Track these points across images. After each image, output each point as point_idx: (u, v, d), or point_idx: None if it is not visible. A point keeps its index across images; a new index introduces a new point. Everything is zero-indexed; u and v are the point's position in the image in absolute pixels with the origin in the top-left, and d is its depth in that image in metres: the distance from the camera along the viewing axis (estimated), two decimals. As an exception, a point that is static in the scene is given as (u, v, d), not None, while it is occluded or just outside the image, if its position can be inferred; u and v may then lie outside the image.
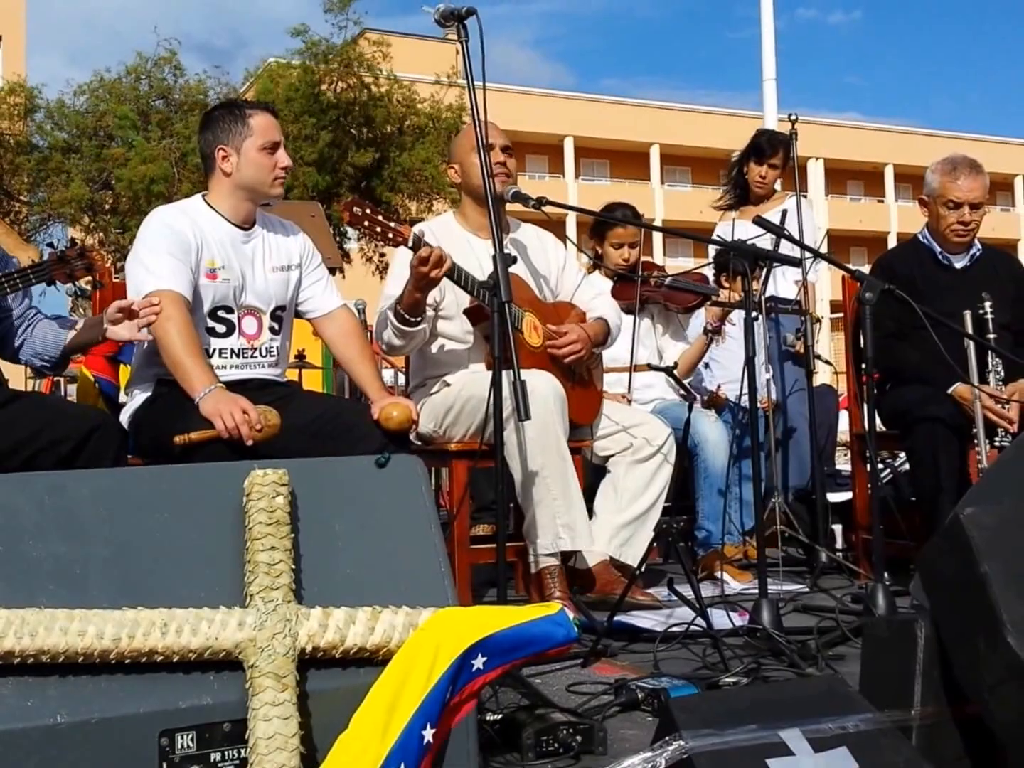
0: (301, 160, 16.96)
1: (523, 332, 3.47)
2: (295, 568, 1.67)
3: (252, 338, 3.13)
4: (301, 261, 3.26)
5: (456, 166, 3.68)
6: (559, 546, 3.31)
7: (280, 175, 3.12)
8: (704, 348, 4.53)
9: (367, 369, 3.19)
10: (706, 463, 4.23)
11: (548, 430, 3.26)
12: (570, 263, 3.90)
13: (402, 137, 18.43)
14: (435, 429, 3.55)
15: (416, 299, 3.24)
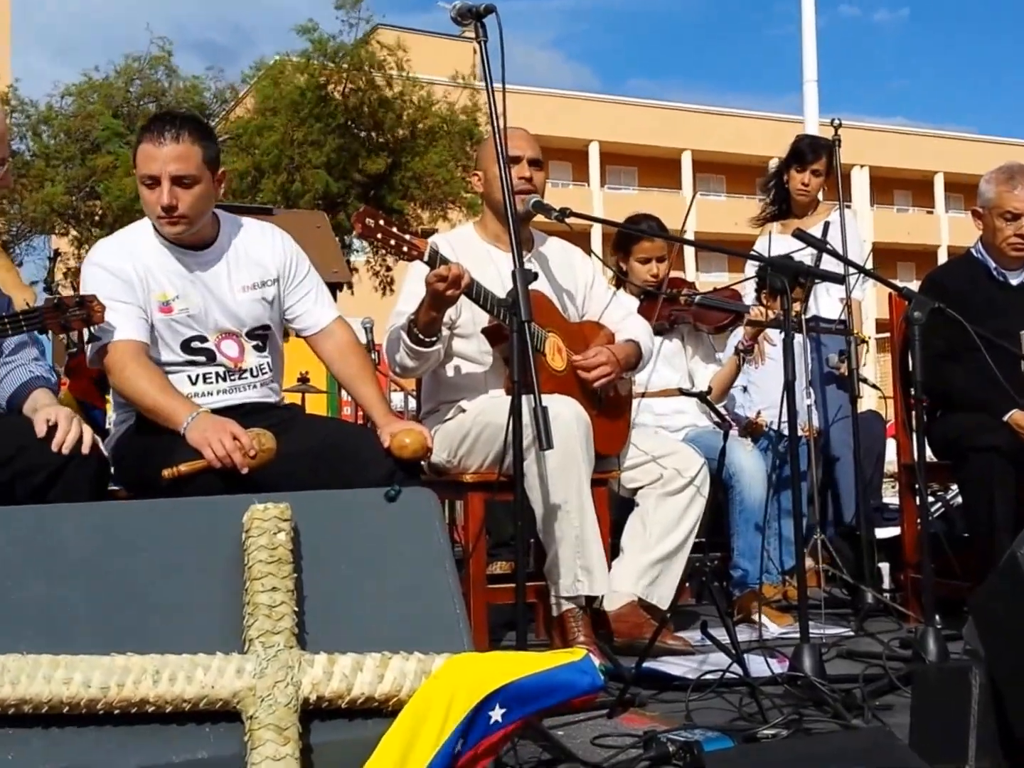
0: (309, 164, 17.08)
1: (546, 354, 3.48)
2: (298, 610, 1.67)
3: (236, 360, 3.12)
4: (280, 274, 3.21)
5: (480, 173, 3.69)
6: (577, 590, 3.30)
7: (162, 215, 2.96)
8: (736, 369, 4.53)
9: (370, 389, 3.17)
10: (742, 496, 4.21)
11: (572, 460, 3.26)
12: (598, 280, 3.91)
13: (414, 141, 18.55)
14: (449, 459, 3.55)
15: (432, 318, 3.25)
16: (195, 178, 2.96)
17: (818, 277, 3.42)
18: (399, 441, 2.90)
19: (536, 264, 3.69)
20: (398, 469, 2.87)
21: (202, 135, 3.00)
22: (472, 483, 3.45)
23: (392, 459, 2.89)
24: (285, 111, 17.36)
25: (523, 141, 3.65)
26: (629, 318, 3.88)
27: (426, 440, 2.93)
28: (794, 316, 4.43)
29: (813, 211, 5.25)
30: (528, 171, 3.60)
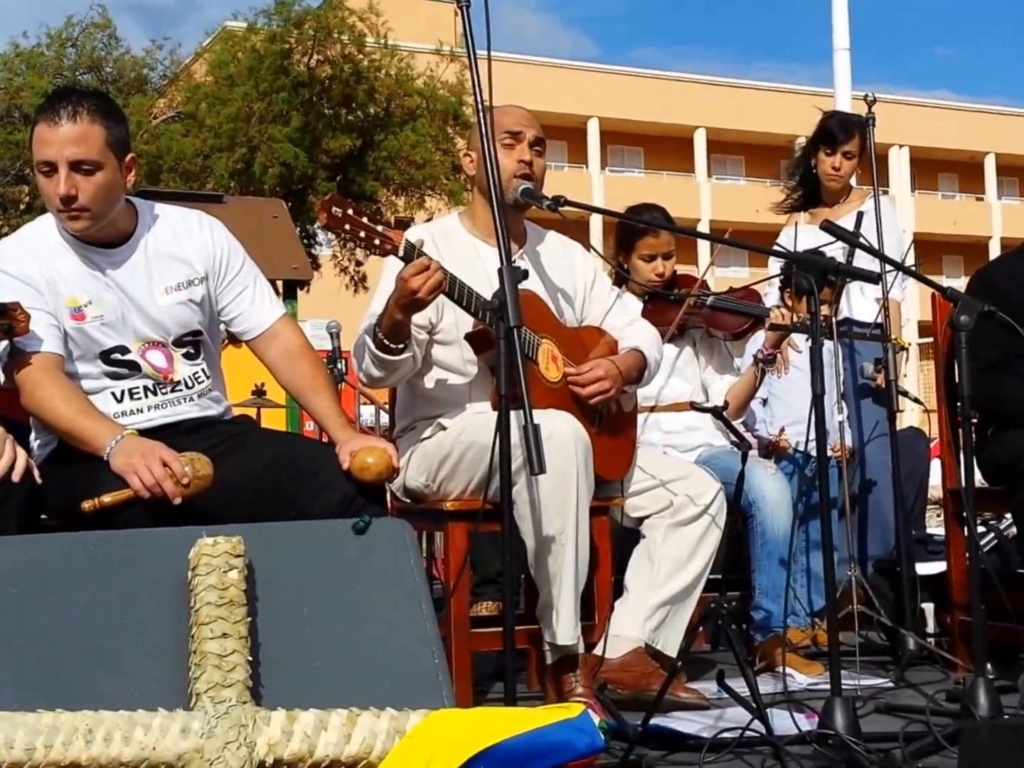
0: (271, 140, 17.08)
1: (539, 364, 3.49)
2: (252, 660, 1.67)
3: (165, 372, 3.11)
4: (208, 271, 3.19)
5: (472, 154, 3.70)
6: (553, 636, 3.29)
7: (61, 208, 2.91)
8: (754, 380, 4.53)
9: (323, 399, 3.15)
10: (764, 526, 4.21)
11: (568, 486, 3.25)
12: (600, 280, 3.93)
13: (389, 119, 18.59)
14: (427, 483, 3.55)
15: (397, 321, 3.23)
16: (96, 164, 2.91)
17: (850, 275, 3.42)
18: (360, 461, 2.87)
19: (529, 261, 3.70)
20: (359, 494, 2.84)
21: (105, 113, 2.94)
22: (453, 511, 3.44)
23: (352, 482, 2.86)
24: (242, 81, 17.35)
25: (525, 119, 3.65)
26: (634, 324, 3.88)
27: (391, 459, 2.91)
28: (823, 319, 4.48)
29: (845, 199, 5.27)
30: (529, 154, 3.60)
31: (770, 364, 4.49)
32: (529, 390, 3.19)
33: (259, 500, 2.80)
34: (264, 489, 2.88)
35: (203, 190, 15.12)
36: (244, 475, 2.89)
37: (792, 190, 5.43)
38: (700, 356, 4.64)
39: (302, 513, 2.70)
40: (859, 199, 5.25)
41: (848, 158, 5.17)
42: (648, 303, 4.58)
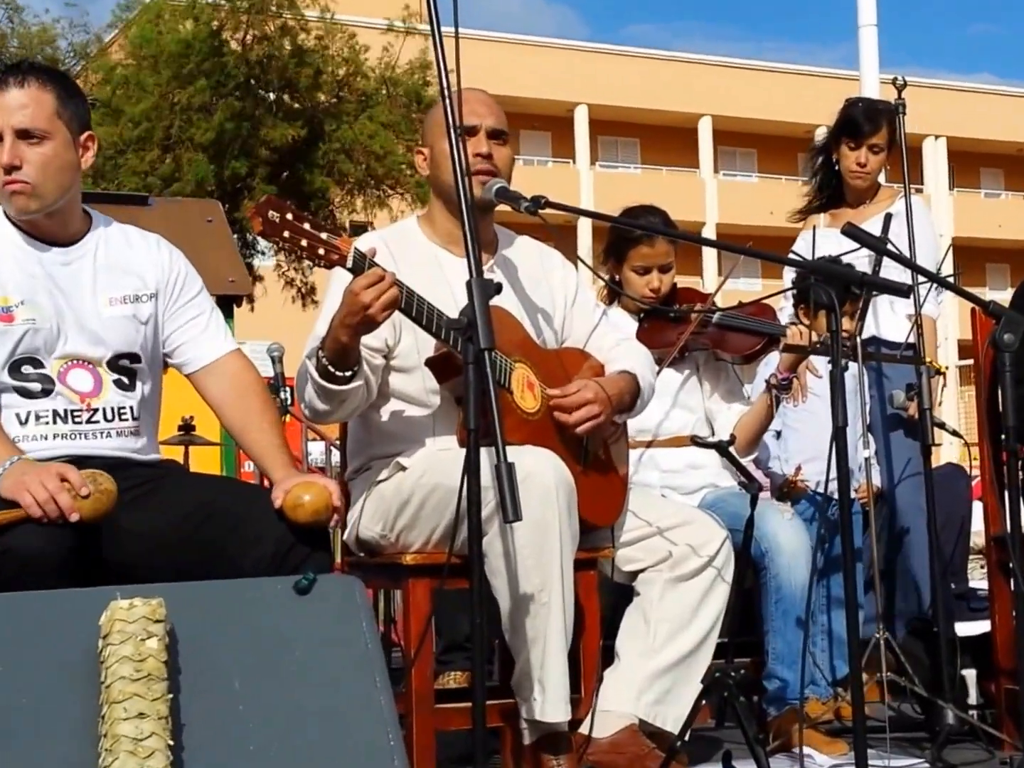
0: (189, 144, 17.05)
1: (512, 392, 3.49)
2: (174, 745, 1.67)
3: (87, 396, 3.12)
4: (159, 289, 3.24)
5: (425, 151, 3.71)
6: (532, 711, 3.29)
7: (6, 181, 3.03)
8: (767, 410, 4.51)
9: (264, 435, 3.18)
10: (779, 580, 4.22)
11: (549, 535, 3.26)
12: (583, 293, 3.94)
13: (341, 105, 18.61)
14: (384, 533, 3.55)
15: (344, 344, 3.23)
16: (44, 133, 3.02)
17: (876, 288, 3.45)
18: (293, 498, 2.88)
19: (501, 273, 3.70)
20: (297, 541, 2.85)
21: (57, 83, 3.08)
22: (414, 566, 3.44)
23: (287, 524, 2.87)
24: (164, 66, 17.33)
25: (481, 105, 3.66)
26: (623, 344, 3.89)
27: (330, 496, 2.92)
28: (846, 339, 4.49)
29: (871, 199, 5.30)
30: (486, 145, 3.62)
31: (785, 391, 4.47)
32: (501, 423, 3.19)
33: (183, 554, 2.80)
34: (189, 541, 2.89)
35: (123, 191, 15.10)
36: (165, 525, 2.90)
37: (812, 192, 5.45)
38: (704, 382, 4.64)
39: (234, 568, 2.71)
40: (888, 199, 5.27)
41: (875, 152, 5.20)
42: (644, 322, 4.59)
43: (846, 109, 5.30)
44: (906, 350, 4.81)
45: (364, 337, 3.34)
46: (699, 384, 4.63)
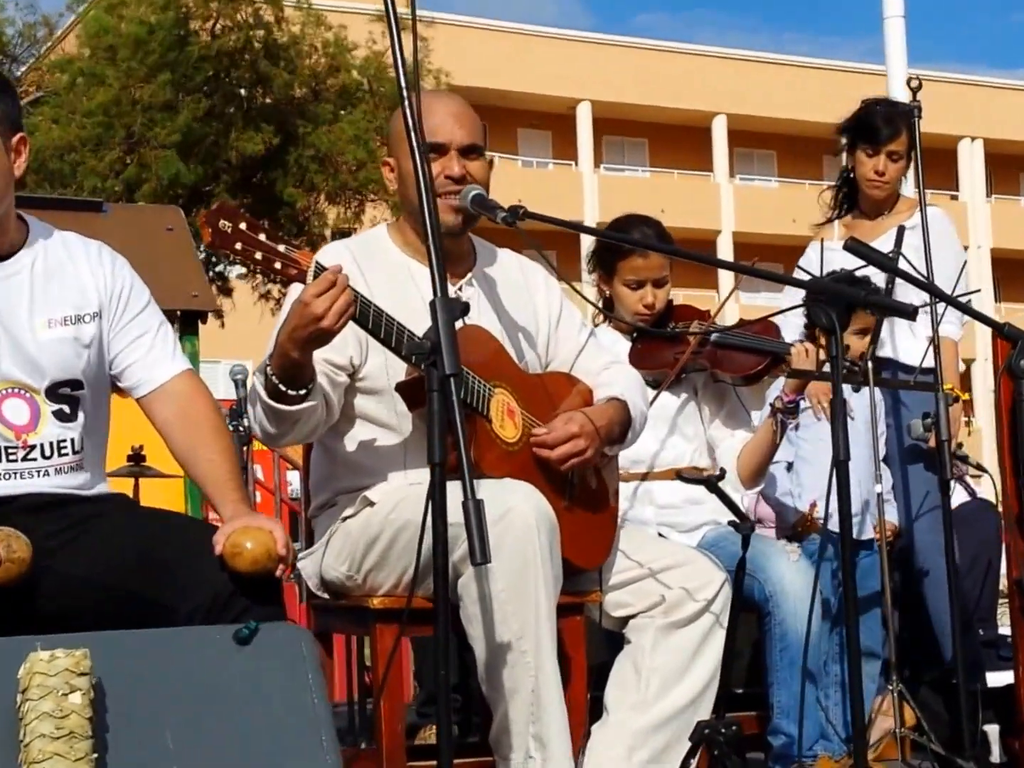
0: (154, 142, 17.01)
1: (491, 420, 3.50)
2: (101, 807, 1.67)
3: (23, 431, 3.11)
4: (103, 307, 3.22)
5: (392, 162, 3.72)
6: None
7: None
8: (772, 438, 4.48)
9: (216, 467, 3.16)
10: (784, 627, 4.21)
11: (529, 578, 3.26)
12: (569, 313, 3.95)
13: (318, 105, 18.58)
14: (350, 574, 3.55)
15: (293, 361, 3.21)
16: None
17: (879, 309, 3.46)
18: (233, 544, 2.86)
19: (479, 289, 3.73)
20: (237, 589, 2.82)
21: None
22: (382, 610, 3.45)
23: (228, 573, 2.85)
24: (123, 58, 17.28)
25: (451, 119, 3.64)
26: (613, 368, 3.91)
27: (273, 544, 2.90)
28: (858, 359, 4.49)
29: (891, 209, 5.31)
30: (457, 166, 3.60)
31: (791, 415, 4.45)
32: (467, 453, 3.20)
33: (117, 601, 2.80)
34: (123, 586, 2.87)
35: (79, 196, 15.08)
36: (99, 569, 2.89)
37: (832, 201, 5.46)
38: (704, 407, 4.63)
39: (169, 616, 2.69)
40: (908, 210, 5.26)
41: (894, 160, 5.19)
42: (637, 342, 4.60)
43: (862, 111, 5.29)
44: (923, 374, 4.82)
45: (328, 353, 3.35)
46: (698, 409, 4.63)
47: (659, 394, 4.44)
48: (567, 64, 39.82)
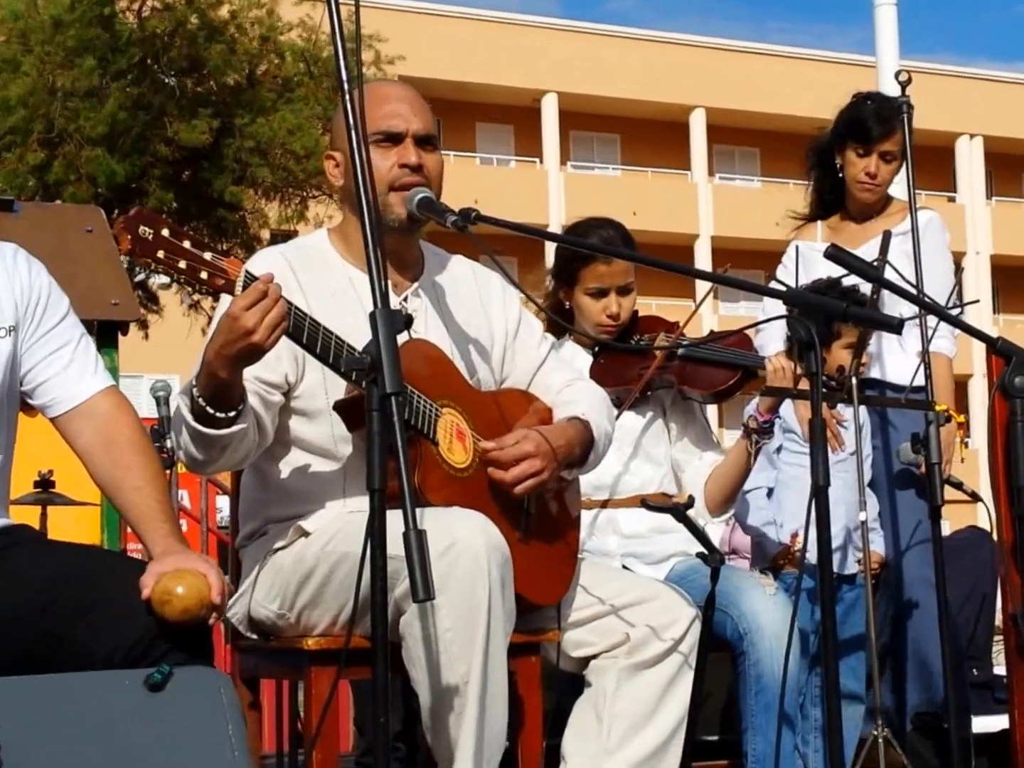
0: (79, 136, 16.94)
1: (438, 443, 3.50)
2: None
3: None
4: (19, 320, 3.20)
5: (336, 156, 3.72)
6: None
7: None
8: (745, 460, 4.48)
9: (143, 496, 3.14)
10: (760, 668, 4.21)
11: (477, 615, 3.26)
12: (527, 325, 3.96)
13: (256, 92, 18.55)
14: (282, 612, 3.54)
15: (222, 381, 3.21)
16: None
17: (861, 321, 3.48)
18: (163, 591, 2.84)
19: (426, 299, 3.74)
20: (161, 637, 2.79)
21: None
22: (317, 651, 3.44)
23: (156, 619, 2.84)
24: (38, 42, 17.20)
25: (405, 104, 3.67)
26: (575, 384, 3.91)
27: (207, 591, 2.89)
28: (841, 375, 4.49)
29: (879, 213, 5.32)
30: (415, 155, 3.62)
31: (765, 436, 4.44)
32: (425, 480, 3.20)
33: (18, 641, 2.77)
34: (31, 626, 2.84)
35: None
36: (4, 608, 2.86)
37: (814, 202, 5.47)
38: (671, 425, 4.65)
39: (86, 659, 2.66)
40: (900, 212, 5.27)
41: (887, 160, 5.20)
42: (600, 356, 4.61)
43: (852, 107, 5.30)
44: (914, 393, 4.83)
45: (259, 371, 3.35)
46: (665, 429, 4.65)
47: (622, 413, 4.44)
48: (531, 53, 39.88)
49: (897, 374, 5.10)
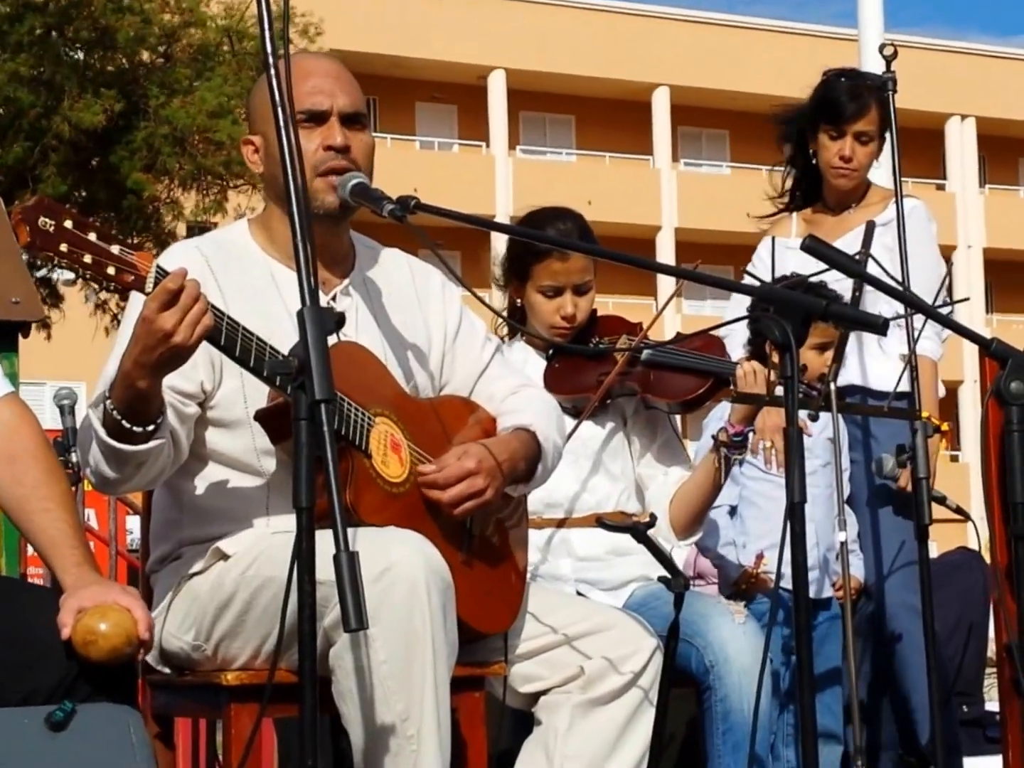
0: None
1: (372, 455, 3.49)
2: None
3: None
4: None
5: (255, 140, 3.71)
6: None
7: None
8: (714, 477, 4.48)
9: (52, 519, 3.13)
10: (727, 704, 4.23)
11: (416, 646, 3.26)
12: (469, 325, 3.96)
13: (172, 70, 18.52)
14: (198, 643, 3.54)
15: (139, 391, 3.21)
16: None
17: (841, 320, 3.48)
18: (86, 630, 2.84)
19: (357, 297, 3.74)
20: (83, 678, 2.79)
21: None
22: (237, 687, 3.44)
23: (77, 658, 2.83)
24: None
25: (329, 80, 3.67)
26: (522, 392, 3.91)
27: (133, 627, 2.89)
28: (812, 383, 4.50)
29: (859, 202, 5.34)
30: (341, 135, 3.62)
31: (737, 450, 4.45)
32: (358, 497, 3.19)
33: None
34: None
35: None
36: None
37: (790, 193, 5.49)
38: (633, 439, 4.66)
39: None
40: (880, 201, 5.31)
41: (863, 142, 5.22)
42: (554, 360, 4.61)
43: (824, 86, 5.32)
44: (897, 400, 4.84)
45: (173, 380, 3.33)
46: (627, 442, 4.65)
47: (580, 424, 4.44)
48: (476, 25, 39.90)
49: (878, 379, 5.12)
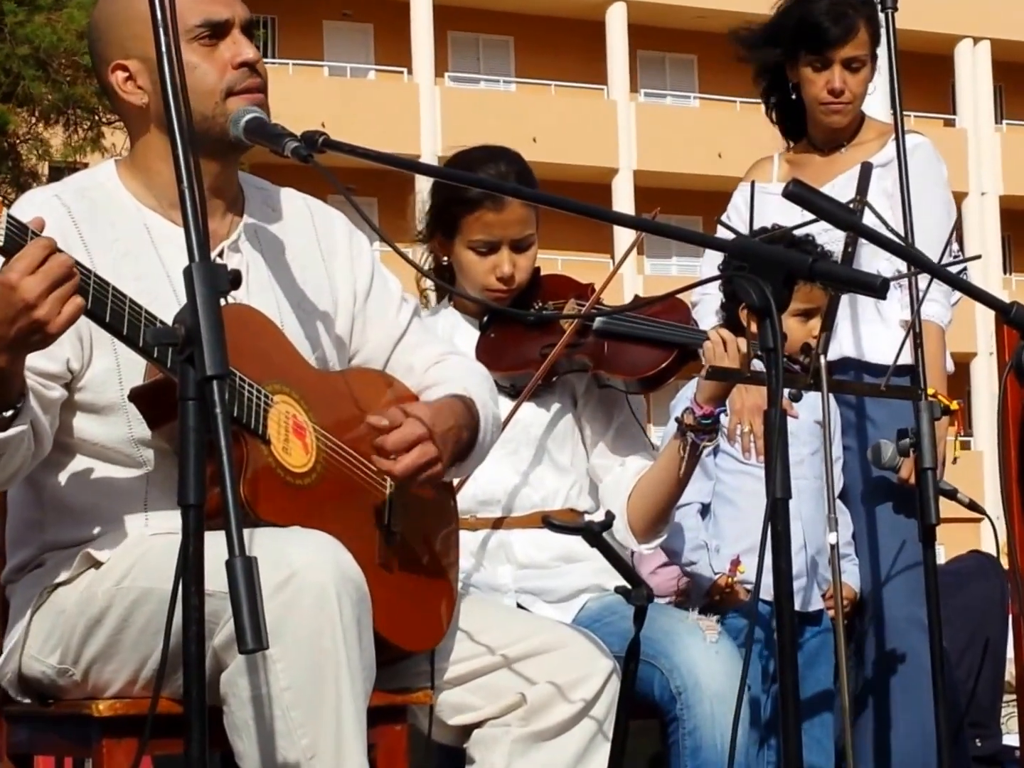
0: None
1: (270, 440, 3.49)
2: None
3: None
4: None
5: (132, 65, 3.68)
6: None
7: None
8: (677, 468, 4.50)
9: None
10: (698, 737, 4.25)
11: (325, 669, 3.28)
12: (383, 283, 3.98)
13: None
14: (64, 667, 3.54)
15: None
16: None
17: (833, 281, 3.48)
18: None
19: (249, 251, 3.75)
20: None
21: None
22: (111, 719, 3.44)
23: None
24: None
25: None
26: (448, 361, 3.94)
27: None
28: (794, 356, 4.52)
29: (851, 139, 5.36)
30: (246, 50, 3.63)
31: (707, 435, 4.44)
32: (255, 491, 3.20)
33: None
34: None
35: None
36: None
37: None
38: (584, 423, 4.68)
39: None
40: (877, 138, 5.33)
41: (854, 69, 5.23)
42: (489, 330, 4.61)
43: (799, 6, 5.31)
44: (897, 375, 4.84)
45: (33, 359, 3.31)
46: (576, 427, 4.67)
47: (519, 405, 4.44)
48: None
49: (875, 351, 5.14)
